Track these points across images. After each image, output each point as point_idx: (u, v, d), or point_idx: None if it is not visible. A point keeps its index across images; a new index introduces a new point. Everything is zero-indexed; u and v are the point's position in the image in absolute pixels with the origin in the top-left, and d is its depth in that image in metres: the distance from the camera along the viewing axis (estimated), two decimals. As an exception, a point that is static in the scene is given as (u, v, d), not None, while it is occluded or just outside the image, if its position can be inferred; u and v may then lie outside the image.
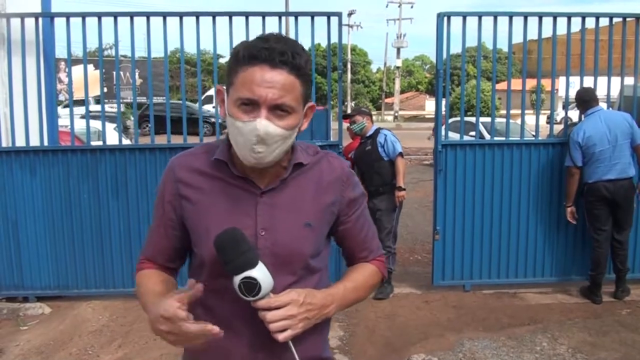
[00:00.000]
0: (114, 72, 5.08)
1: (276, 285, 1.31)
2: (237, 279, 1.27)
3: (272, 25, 4.89)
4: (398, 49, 44.19)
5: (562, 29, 5.06)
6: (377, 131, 5.41)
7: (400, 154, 5.30)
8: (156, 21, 4.83)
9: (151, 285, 1.44)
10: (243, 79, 1.29)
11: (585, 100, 4.95)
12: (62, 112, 11.13)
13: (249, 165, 1.36)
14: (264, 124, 1.27)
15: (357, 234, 1.54)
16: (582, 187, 4.91)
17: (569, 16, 5.08)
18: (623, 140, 4.77)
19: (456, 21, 4.96)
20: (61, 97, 13.94)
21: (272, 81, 1.27)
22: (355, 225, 1.53)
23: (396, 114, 42.65)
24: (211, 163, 1.43)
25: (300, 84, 1.31)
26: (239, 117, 1.30)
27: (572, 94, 5.32)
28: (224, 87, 1.38)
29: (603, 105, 5.17)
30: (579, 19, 5.10)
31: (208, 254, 1.36)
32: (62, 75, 15.21)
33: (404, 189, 5.28)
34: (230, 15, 4.83)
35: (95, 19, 4.77)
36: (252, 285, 1.26)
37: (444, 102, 5.11)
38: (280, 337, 1.29)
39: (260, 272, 1.27)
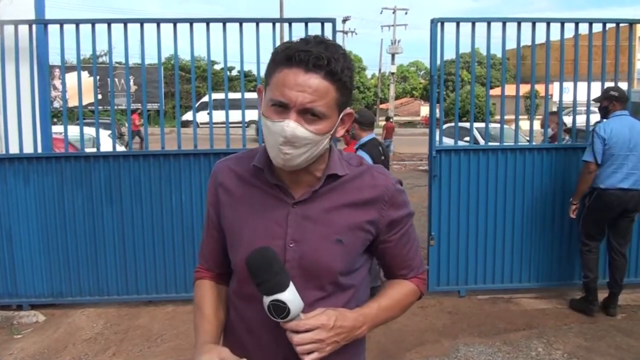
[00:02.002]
0: (109, 79, 5.07)
1: (304, 299, 1.28)
2: (267, 300, 1.26)
3: (266, 32, 4.90)
4: (393, 55, 44.30)
5: (555, 35, 5.09)
6: (360, 146, 4.65)
7: None
8: (150, 28, 4.84)
9: (204, 302, 1.49)
10: (277, 80, 1.27)
11: (626, 99, 4.83)
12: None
13: (278, 166, 1.34)
14: (292, 126, 1.25)
15: (398, 253, 1.49)
16: (591, 192, 4.78)
17: (563, 22, 5.12)
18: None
19: (450, 27, 4.98)
20: (55, 104, 13.89)
21: (304, 85, 1.24)
22: (396, 244, 1.47)
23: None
24: (251, 169, 1.43)
25: (335, 90, 1.28)
26: (269, 117, 1.29)
27: (566, 99, 5.34)
28: (264, 87, 1.37)
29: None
30: (573, 25, 5.13)
31: (239, 260, 1.36)
32: (57, 82, 15.18)
33: None
34: (224, 21, 4.84)
35: (89, 26, 4.77)
36: (281, 308, 1.25)
37: (438, 107, 5.12)
38: (307, 359, 1.28)
39: (290, 295, 1.25)
